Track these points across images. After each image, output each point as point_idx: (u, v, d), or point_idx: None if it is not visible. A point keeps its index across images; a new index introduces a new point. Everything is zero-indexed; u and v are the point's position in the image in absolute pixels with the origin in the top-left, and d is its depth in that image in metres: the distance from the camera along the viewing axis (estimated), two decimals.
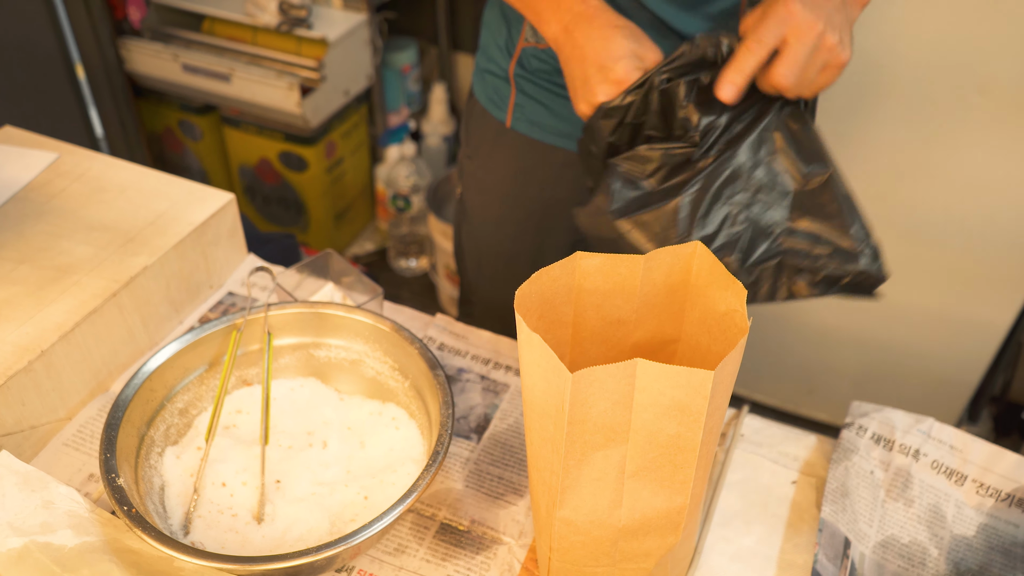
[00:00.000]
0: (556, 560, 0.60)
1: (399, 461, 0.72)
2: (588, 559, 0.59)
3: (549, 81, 0.95)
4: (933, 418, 0.77)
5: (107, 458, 0.63)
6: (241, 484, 0.69)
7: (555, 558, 0.60)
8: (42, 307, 0.75)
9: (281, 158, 1.95)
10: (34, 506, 0.63)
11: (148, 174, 0.91)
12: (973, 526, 0.71)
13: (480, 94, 1.03)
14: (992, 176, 1.38)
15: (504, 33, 0.97)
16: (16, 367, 0.70)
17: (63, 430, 0.76)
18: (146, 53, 1.85)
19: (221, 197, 0.89)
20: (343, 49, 1.81)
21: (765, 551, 0.69)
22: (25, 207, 0.86)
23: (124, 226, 0.84)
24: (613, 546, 0.57)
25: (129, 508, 0.60)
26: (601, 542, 0.57)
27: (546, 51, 0.93)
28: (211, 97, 1.88)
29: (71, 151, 0.94)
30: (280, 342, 0.77)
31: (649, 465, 0.52)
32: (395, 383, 0.76)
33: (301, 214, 2.05)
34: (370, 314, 0.76)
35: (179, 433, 0.73)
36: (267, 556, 0.59)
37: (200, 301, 0.89)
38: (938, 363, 1.61)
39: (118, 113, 1.92)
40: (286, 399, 0.77)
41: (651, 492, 0.54)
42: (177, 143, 2.07)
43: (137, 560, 0.60)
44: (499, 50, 0.98)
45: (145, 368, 0.70)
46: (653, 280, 0.59)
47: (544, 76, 0.94)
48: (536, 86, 0.96)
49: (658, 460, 0.52)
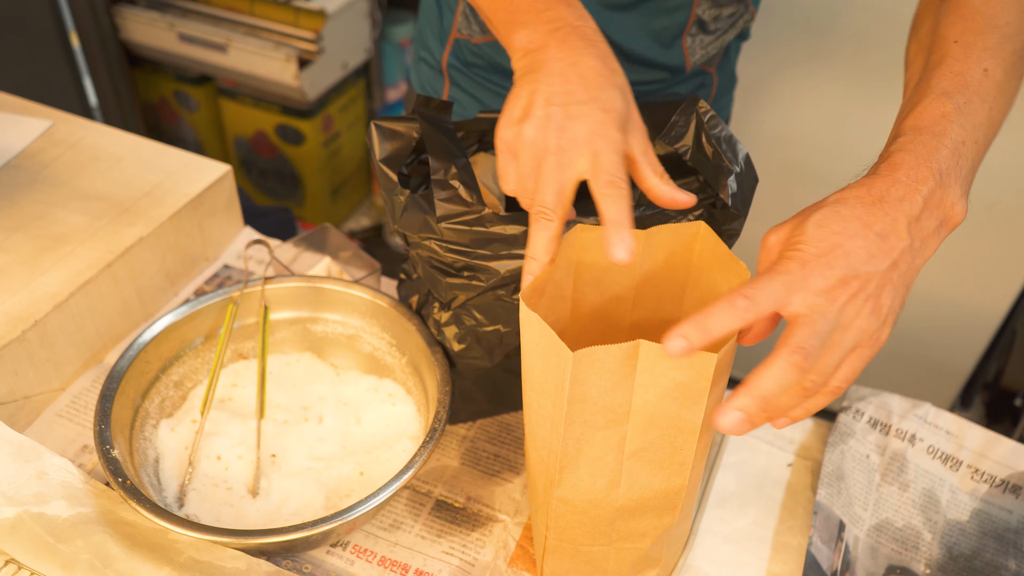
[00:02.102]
0: (552, 538, 0.60)
1: (395, 437, 0.71)
2: (584, 537, 0.59)
3: (483, 77, 0.89)
4: (930, 403, 0.77)
5: (101, 429, 0.63)
6: (236, 458, 0.69)
7: (551, 536, 0.60)
8: (36, 276, 0.74)
9: (278, 131, 1.94)
10: (28, 476, 0.62)
11: (144, 144, 0.90)
12: (967, 511, 0.71)
13: (416, 84, 0.97)
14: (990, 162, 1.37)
15: (437, 19, 0.90)
16: (9, 336, 0.69)
17: (57, 401, 0.75)
18: (141, 22, 1.82)
19: (218, 169, 0.88)
20: (342, 21, 1.79)
21: (760, 533, 0.69)
22: (18, 175, 0.85)
23: (119, 196, 0.83)
24: (610, 525, 0.57)
25: (124, 480, 0.60)
26: (598, 521, 0.57)
27: (479, 46, 0.87)
28: (207, 68, 1.85)
29: (65, 119, 0.93)
30: (277, 316, 0.76)
31: (649, 446, 0.52)
32: (392, 359, 0.75)
33: (297, 188, 2.03)
34: (368, 289, 0.75)
35: (174, 406, 0.73)
36: (262, 530, 0.59)
37: (196, 273, 0.88)
38: (932, 348, 1.61)
39: (112, 83, 1.90)
40: (282, 373, 0.76)
41: (650, 473, 0.54)
42: (172, 114, 2.05)
43: (131, 532, 0.60)
44: (433, 37, 0.91)
45: (140, 339, 0.69)
46: (654, 257, 0.58)
47: (478, 71, 0.89)
48: (470, 79, 0.90)
49: (658, 441, 0.52)
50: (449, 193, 0.57)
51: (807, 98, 1.45)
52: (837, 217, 0.47)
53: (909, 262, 0.47)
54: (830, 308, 0.45)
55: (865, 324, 0.46)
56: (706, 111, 0.61)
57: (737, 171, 0.59)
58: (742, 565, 0.67)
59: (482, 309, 0.64)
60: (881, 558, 0.68)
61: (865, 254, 0.46)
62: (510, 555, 0.66)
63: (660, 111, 0.66)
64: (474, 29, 0.87)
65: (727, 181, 0.58)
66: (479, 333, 0.65)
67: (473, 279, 0.61)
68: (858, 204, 0.47)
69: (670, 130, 0.62)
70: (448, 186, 0.57)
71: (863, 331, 0.46)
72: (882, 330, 0.47)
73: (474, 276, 0.61)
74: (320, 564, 0.65)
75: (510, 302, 0.62)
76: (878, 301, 0.46)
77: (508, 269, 0.60)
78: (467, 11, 0.86)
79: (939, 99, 0.51)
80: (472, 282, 0.62)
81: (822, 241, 0.46)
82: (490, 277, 0.60)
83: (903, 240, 0.47)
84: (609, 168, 0.50)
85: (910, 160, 0.49)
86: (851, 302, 0.45)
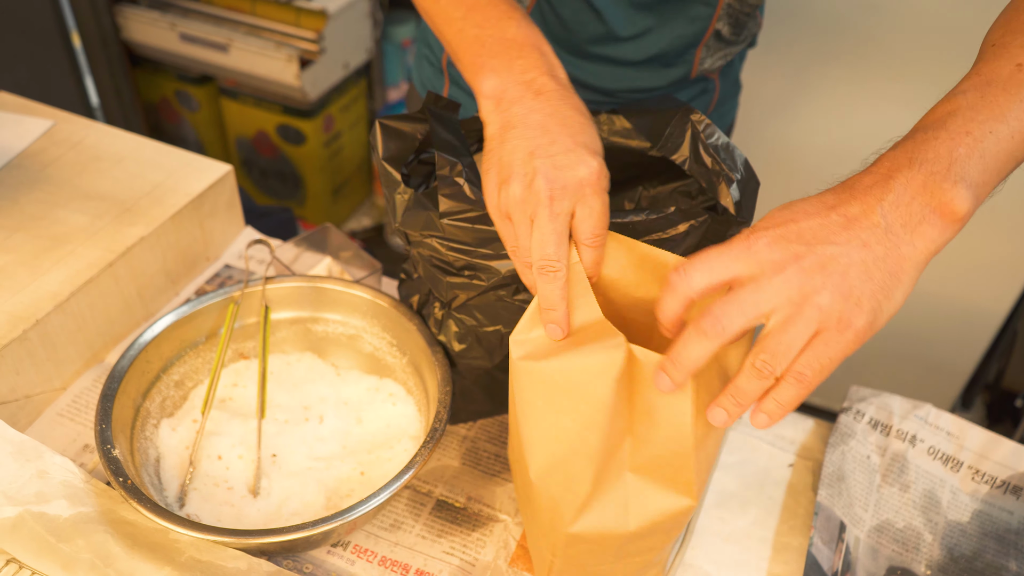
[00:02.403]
0: (559, 563, 0.58)
1: (396, 437, 0.71)
2: (593, 560, 0.58)
3: None
4: (931, 404, 0.77)
5: (102, 429, 0.63)
6: (237, 457, 0.69)
7: (559, 562, 0.58)
8: (37, 276, 0.74)
9: (279, 131, 1.94)
10: (29, 476, 0.63)
11: (145, 144, 0.90)
12: (967, 512, 0.71)
13: (417, 82, 0.97)
14: None
15: None
16: (11, 336, 0.69)
17: (58, 400, 0.75)
18: (143, 21, 1.83)
19: (219, 168, 0.88)
20: (343, 21, 1.79)
21: (760, 533, 0.69)
22: (20, 174, 0.85)
23: (120, 196, 0.83)
24: (620, 548, 0.57)
25: (125, 479, 0.60)
26: (607, 548, 0.56)
27: None
28: (208, 67, 1.85)
29: (67, 119, 0.93)
30: (277, 316, 0.76)
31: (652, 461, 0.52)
32: (393, 359, 0.75)
33: (298, 188, 2.03)
34: (369, 289, 0.75)
35: (175, 405, 0.73)
36: (262, 530, 0.59)
37: (196, 273, 0.88)
38: (933, 349, 1.61)
39: (114, 82, 1.90)
40: (283, 373, 0.76)
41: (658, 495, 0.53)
42: (173, 113, 2.05)
43: (132, 531, 0.60)
44: (434, 35, 0.91)
45: (141, 339, 0.69)
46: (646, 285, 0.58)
47: None
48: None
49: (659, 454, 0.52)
50: (453, 189, 0.57)
51: (811, 101, 1.45)
52: (800, 202, 0.46)
53: (888, 246, 0.44)
54: (774, 278, 0.43)
55: (826, 303, 0.43)
56: (700, 120, 0.61)
57: (738, 178, 0.59)
58: (742, 565, 0.67)
59: (483, 309, 0.64)
60: (882, 559, 0.68)
61: (823, 232, 0.44)
62: (511, 555, 0.66)
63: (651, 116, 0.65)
64: None
65: (728, 189, 0.58)
66: (480, 333, 0.65)
67: (474, 278, 0.61)
68: (827, 192, 0.46)
69: (665, 142, 0.62)
70: (453, 183, 0.57)
71: (824, 311, 0.43)
72: (853, 314, 0.43)
73: (475, 275, 0.61)
74: (321, 564, 0.65)
75: (511, 302, 0.62)
76: (844, 281, 0.43)
77: (509, 269, 0.59)
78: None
79: (950, 99, 0.49)
80: (473, 281, 0.61)
81: (774, 218, 0.45)
82: (491, 276, 0.60)
83: (875, 223, 0.44)
84: (596, 221, 0.50)
85: (892, 155, 0.47)
86: (805, 277, 0.43)
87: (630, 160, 0.66)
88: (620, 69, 0.84)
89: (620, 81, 0.85)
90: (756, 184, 0.61)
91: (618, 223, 0.57)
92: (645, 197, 0.69)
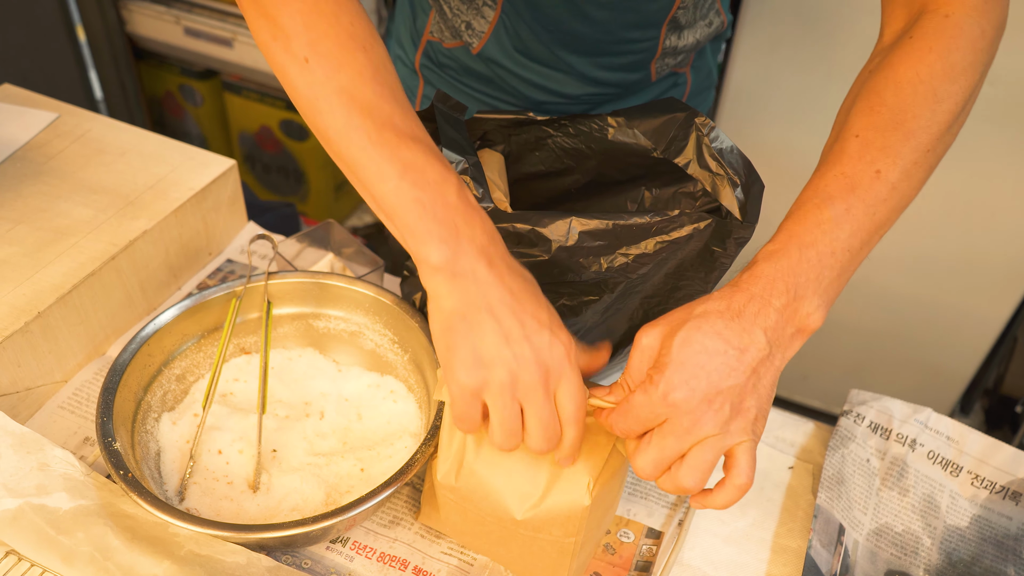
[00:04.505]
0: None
1: (396, 434, 0.71)
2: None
3: (456, 79, 0.90)
4: (931, 408, 0.77)
5: (103, 422, 0.63)
6: (237, 452, 0.69)
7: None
8: (39, 268, 0.74)
9: (282, 126, 1.94)
10: (29, 468, 0.63)
11: (149, 137, 0.90)
12: (966, 517, 0.71)
13: None
14: (993, 168, 1.38)
15: (410, 19, 0.91)
16: (12, 328, 0.69)
17: (59, 393, 0.75)
18: (147, 15, 1.83)
19: (222, 163, 0.88)
20: None
21: (759, 534, 0.69)
22: (23, 167, 0.85)
23: (124, 189, 0.83)
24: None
25: (125, 472, 0.60)
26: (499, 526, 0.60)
27: (450, 50, 0.88)
28: (212, 62, 1.85)
29: (71, 111, 0.93)
30: (279, 311, 0.76)
31: None
32: (394, 356, 0.75)
33: (301, 183, 2.03)
34: (371, 286, 0.75)
35: (176, 399, 0.73)
36: (262, 525, 0.59)
37: (199, 267, 0.88)
38: (933, 354, 1.61)
39: (118, 76, 1.90)
40: (284, 369, 0.76)
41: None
42: (177, 108, 2.05)
43: (132, 525, 0.60)
44: (407, 36, 0.92)
45: (143, 333, 0.70)
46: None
47: (451, 72, 0.90)
48: (443, 80, 0.91)
49: None
50: None
51: (815, 103, 1.45)
52: (699, 334, 0.51)
53: (768, 366, 0.51)
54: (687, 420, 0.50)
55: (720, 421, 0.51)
56: (704, 123, 0.61)
57: (742, 182, 0.59)
58: (741, 566, 0.67)
59: None
60: (880, 563, 0.68)
61: (726, 370, 0.50)
62: None
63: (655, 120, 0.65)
64: (445, 34, 0.87)
65: (733, 192, 0.58)
66: None
67: None
68: (719, 320, 0.51)
69: (669, 145, 0.62)
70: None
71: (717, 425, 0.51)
72: (755, 424, 0.52)
73: None
74: (320, 560, 0.65)
75: None
76: (741, 406, 0.51)
77: None
78: (439, 14, 0.87)
79: (819, 206, 0.54)
80: None
81: (685, 362, 0.50)
82: None
83: (762, 350, 0.51)
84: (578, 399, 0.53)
85: (770, 272, 0.52)
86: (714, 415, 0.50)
87: (633, 160, 0.66)
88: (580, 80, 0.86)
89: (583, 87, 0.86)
90: (761, 187, 0.61)
91: (624, 224, 0.57)
92: (648, 198, 0.69)
